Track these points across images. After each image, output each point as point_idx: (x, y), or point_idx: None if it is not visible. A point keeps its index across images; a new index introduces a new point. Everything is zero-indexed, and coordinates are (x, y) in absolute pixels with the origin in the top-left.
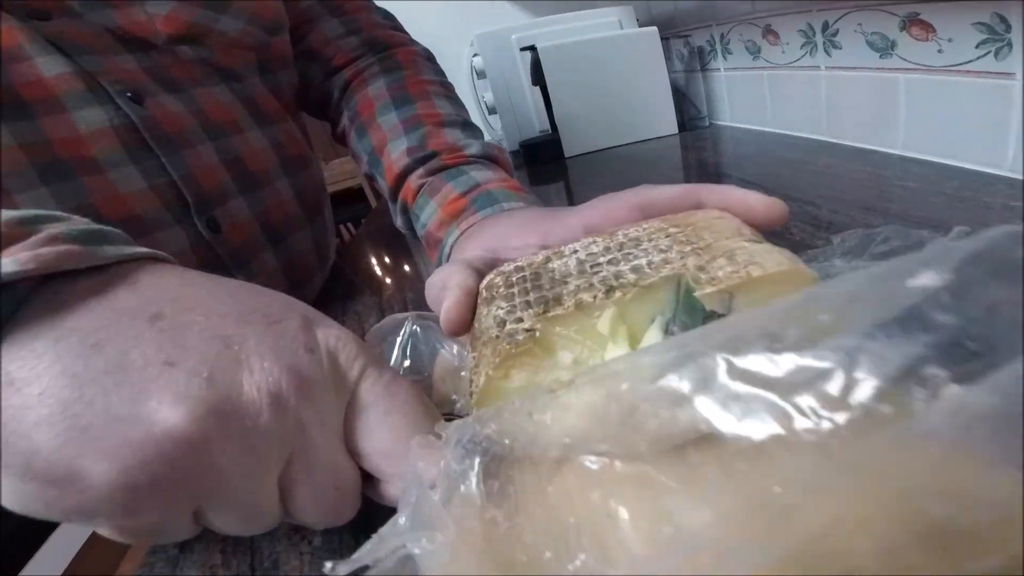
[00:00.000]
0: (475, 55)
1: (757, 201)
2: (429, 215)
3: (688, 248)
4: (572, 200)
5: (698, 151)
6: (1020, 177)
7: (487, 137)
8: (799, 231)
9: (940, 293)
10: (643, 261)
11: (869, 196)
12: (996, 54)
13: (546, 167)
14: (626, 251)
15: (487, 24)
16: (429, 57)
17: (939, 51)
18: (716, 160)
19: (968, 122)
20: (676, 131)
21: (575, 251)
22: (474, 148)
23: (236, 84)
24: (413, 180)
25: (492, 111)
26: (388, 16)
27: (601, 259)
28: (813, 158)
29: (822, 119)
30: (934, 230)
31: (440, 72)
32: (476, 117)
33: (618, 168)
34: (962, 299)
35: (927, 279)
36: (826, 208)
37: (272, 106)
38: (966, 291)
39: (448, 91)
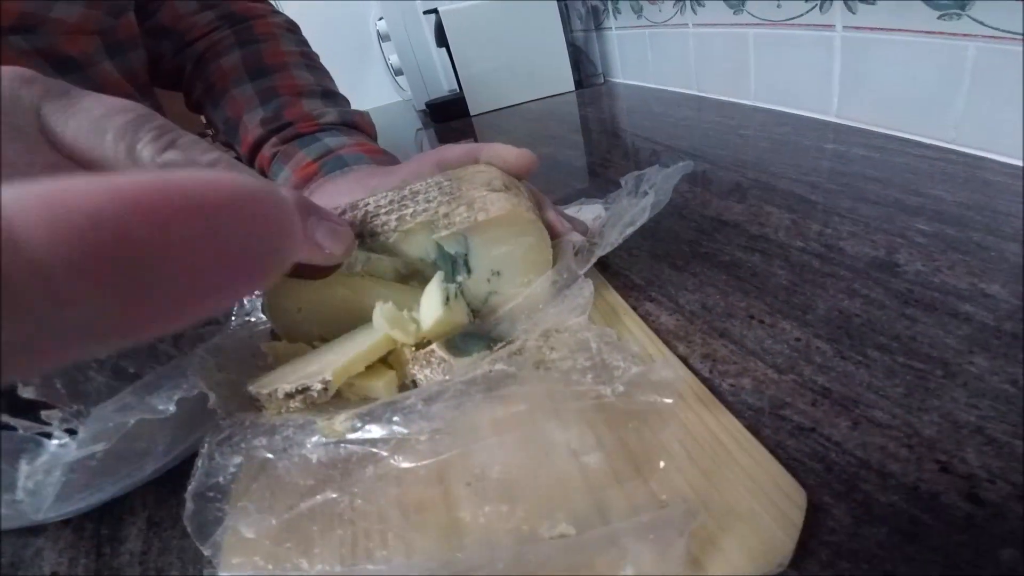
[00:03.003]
0: (380, 18)
1: (510, 155)
2: (283, 181)
3: (447, 198)
4: None
5: (588, 107)
6: (845, 123)
7: (398, 97)
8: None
9: None
10: (409, 211)
11: (707, 143)
12: (821, 7)
13: (452, 125)
14: (404, 202)
15: None
16: (291, 28)
17: (778, 6)
18: (599, 116)
19: (803, 72)
20: (573, 88)
21: (367, 203)
22: (330, 116)
23: (80, 74)
24: (267, 149)
25: (399, 72)
26: None
27: (382, 211)
28: (676, 111)
29: (692, 74)
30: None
31: (302, 42)
32: (385, 80)
33: (519, 124)
34: None
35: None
36: (665, 157)
37: (124, 91)
38: None
39: (309, 61)
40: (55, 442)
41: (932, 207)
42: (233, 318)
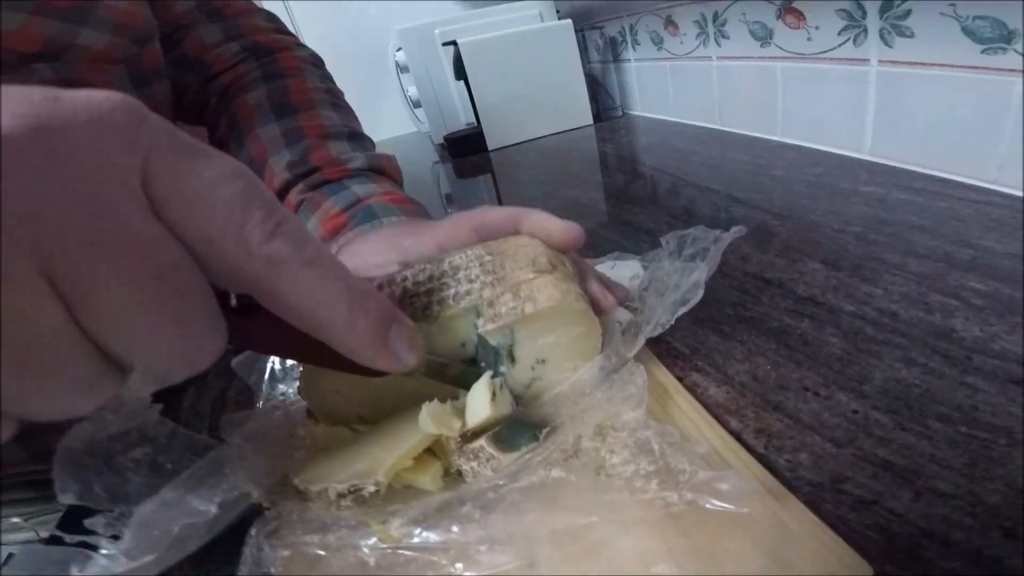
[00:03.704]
0: (398, 49)
1: (555, 228)
2: (310, 231)
3: (490, 279)
4: (498, 192)
5: (607, 142)
6: (879, 161)
7: (415, 129)
8: (668, 226)
9: None
10: (451, 292)
11: (738, 186)
12: (855, 40)
13: (470, 160)
14: (443, 280)
15: (411, 18)
16: (316, 62)
17: (808, 39)
18: (618, 152)
19: (834, 108)
20: (591, 122)
21: (405, 278)
22: (358, 161)
23: None
24: (293, 196)
25: (417, 104)
26: (272, 18)
27: (421, 288)
28: (700, 148)
29: (715, 108)
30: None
31: (327, 78)
32: (402, 110)
33: (540, 162)
34: None
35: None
36: (698, 201)
37: None
38: None
39: (335, 99)
40: (104, 552)
41: (984, 261)
42: (264, 386)
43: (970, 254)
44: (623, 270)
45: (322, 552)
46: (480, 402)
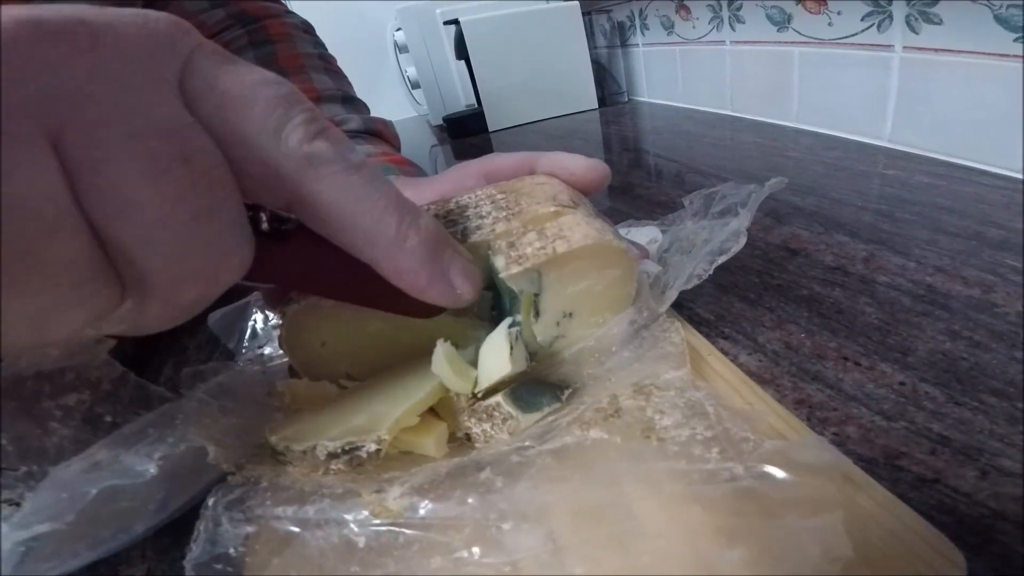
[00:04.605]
0: (398, 29)
1: (577, 165)
2: None
3: (504, 214)
4: None
5: (612, 125)
6: (899, 148)
7: (414, 112)
8: (682, 197)
9: None
10: (458, 228)
11: (753, 165)
12: (879, 26)
13: (469, 141)
14: (451, 219)
15: None
16: (307, 28)
17: (829, 24)
18: (624, 135)
19: (853, 94)
20: (596, 106)
21: None
22: (354, 123)
23: None
24: None
25: (416, 85)
26: None
27: None
28: (712, 131)
29: (727, 94)
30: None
31: (319, 44)
32: (400, 95)
33: (540, 141)
34: None
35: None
36: (712, 178)
37: None
38: None
39: (328, 64)
40: None
41: (1017, 241)
42: (244, 348)
43: (1002, 234)
44: (639, 236)
45: (296, 529)
46: (498, 357)
